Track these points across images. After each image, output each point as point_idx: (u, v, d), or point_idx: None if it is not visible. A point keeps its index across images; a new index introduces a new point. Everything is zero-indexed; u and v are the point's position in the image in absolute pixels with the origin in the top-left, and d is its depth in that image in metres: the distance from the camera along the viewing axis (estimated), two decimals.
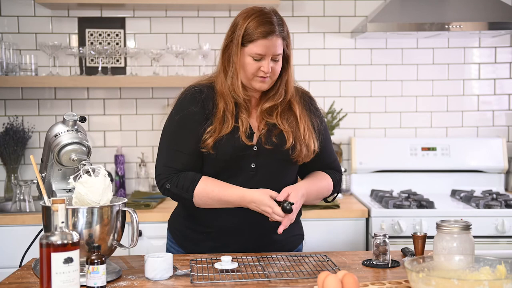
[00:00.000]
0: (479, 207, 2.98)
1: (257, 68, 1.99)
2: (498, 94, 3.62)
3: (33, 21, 3.44)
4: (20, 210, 3.06)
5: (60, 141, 1.84)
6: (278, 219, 1.94)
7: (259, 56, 1.97)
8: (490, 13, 3.18)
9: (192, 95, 2.05)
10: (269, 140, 2.02)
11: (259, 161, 2.01)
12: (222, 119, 2.00)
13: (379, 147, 3.48)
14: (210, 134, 1.99)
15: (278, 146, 2.02)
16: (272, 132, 2.03)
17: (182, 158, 2.01)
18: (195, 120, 2.01)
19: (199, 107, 2.02)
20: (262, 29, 1.97)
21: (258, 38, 1.97)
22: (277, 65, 2.01)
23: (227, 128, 1.99)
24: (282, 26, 2.02)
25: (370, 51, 3.56)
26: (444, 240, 1.74)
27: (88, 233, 1.70)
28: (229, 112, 2.01)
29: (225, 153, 1.99)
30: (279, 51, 2.00)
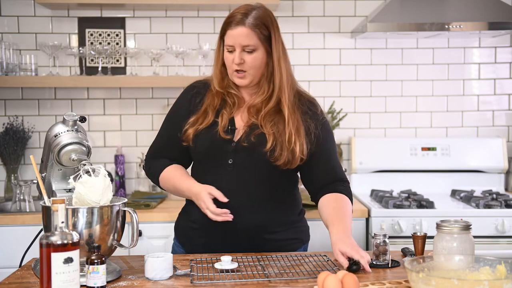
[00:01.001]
0: (479, 207, 2.98)
1: (231, 61, 2.01)
2: (498, 94, 3.62)
3: (33, 21, 3.44)
4: (20, 210, 3.06)
5: (60, 141, 1.84)
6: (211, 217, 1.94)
7: (231, 47, 2.00)
8: (490, 13, 3.18)
9: (186, 89, 2.17)
10: (248, 138, 2.01)
11: (236, 157, 2.01)
12: (204, 113, 2.05)
13: (379, 147, 3.48)
14: (190, 125, 2.05)
15: (255, 145, 2.00)
16: (254, 131, 2.02)
17: (163, 147, 2.16)
18: (179, 114, 2.11)
19: (186, 101, 2.12)
20: (230, 20, 2.00)
21: (227, 29, 2.01)
22: (251, 58, 1.99)
23: (207, 122, 2.03)
24: (259, 19, 1.99)
25: (370, 51, 3.56)
26: (444, 240, 1.74)
27: (88, 233, 1.70)
28: (211, 107, 2.05)
29: (203, 145, 2.03)
30: (247, 42, 1.98)
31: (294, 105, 2.05)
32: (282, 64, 2.04)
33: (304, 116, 2.06)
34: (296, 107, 2.06)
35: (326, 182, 2.09)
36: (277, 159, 1.99)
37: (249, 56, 2.00)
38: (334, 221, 1.97)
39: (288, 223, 2.12)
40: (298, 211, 2.19)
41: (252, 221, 2.03)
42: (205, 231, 2.08)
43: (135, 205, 3.00)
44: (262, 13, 2.02)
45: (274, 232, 2.08)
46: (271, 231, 2.08)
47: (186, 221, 2.15)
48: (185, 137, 2.05)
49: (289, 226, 2.12)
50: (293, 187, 2.16)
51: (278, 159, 1.99)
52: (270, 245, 2.07)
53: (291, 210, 2.16)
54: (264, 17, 2.01)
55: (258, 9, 2.02)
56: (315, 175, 2.10)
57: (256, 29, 1.98)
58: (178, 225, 2.21)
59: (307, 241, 2.22)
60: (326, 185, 2.09)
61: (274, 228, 2.08)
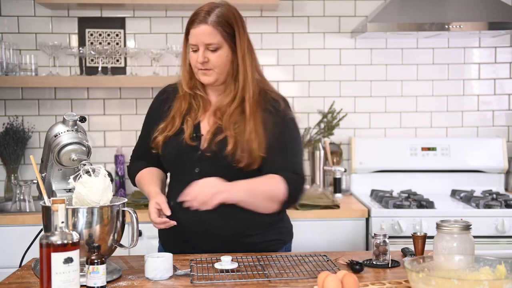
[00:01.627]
0: (479, 207, 2.98)
1: (195, 60, 2.00)
2: (498, 94, 3.62)
3: (33, 21, 3.44)
4: (20, 210, 3.06)
5: (60, 141, 1.84)
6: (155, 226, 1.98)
7: (195, 46, 2.00)
8: (490, 13, 3.18)
9: (160, 94, 2.19)
10: (210, 147, 1.99)
11: (203, 166, 1.99)
12: (172, 119, 2.06)
13: (379, 147, 3.48)
14: (159, 132, 2.06)
15: (217, 153, 1.98)
16: (216, 138, 1.99)
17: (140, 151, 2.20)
18: (152, 117, 2.13)
19: (157, 106, 2.14)
20: (193, 19, 2.00)
21: (190, 28, 2.01)
22: (215, 56, 1.98)
23: (174, 130, 2.04)
24: (220, 17, 1.97)
25: (370, 51, 3.56)
26: (444, 240, 1.74)
27: (88, 233, 1.70)
28: (178, 113, 2.05)
29: (170, 154, 2.04)
30: (210, 41, 1.96)
31: (256, 103, 2.01)
32: (247, 62, 2.01)
33: (265, 114, 2.01)
34: (258, 104, 2.02)
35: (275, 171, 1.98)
36: (239, 161, 1.96)
37: (213, 55, 1.98)
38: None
39: (266, 225, 2.07)
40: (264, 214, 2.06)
41: (226, 227, 2.01)
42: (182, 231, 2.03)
43: (135, 205, 3.00)
44: (225, 10, 1.99)
45: (251, 235, 2.05)
46: (248, 235, 2.05)
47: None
48: (155, 144, 2.06)
49: (267, 228, 2.08)
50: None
51: (240, 161, 1.96)
52: (249, 248, 2.05)
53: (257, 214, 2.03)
54: (227, 14, 1.99)
55: (222, 7, 2.00)
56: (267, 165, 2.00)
57: (219, 27, 1.96)
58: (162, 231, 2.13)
59: (289, 240, 2.18)
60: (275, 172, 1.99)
61: (251, 232, 2.05)
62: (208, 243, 2.04)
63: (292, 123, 2.06)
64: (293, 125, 2.07)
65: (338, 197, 3.27)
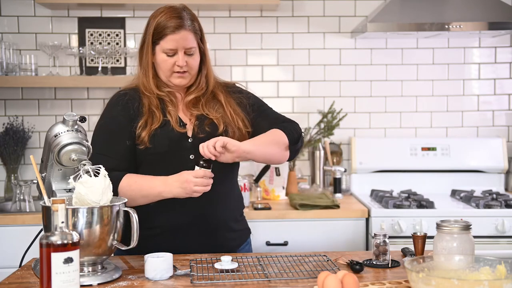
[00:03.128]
0: (479, 207, 2.98)
1: (172, 64, 2.04)
2: (498, 94, 3.62)
3: (33, 21, 3.44)
4: (20, 210, 3.06)
5: (60, 141, 1.84)
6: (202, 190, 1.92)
7: (172, 51, 2.03)
8: (490, 13, 3.18)
9: (116, 99, 2.12)
10: (202, 129, 2.06)
11: (197, 151, 2.00)
12: (149, 113, 2.06)
13: (379, 147, 3.48)
14: (141, 128, 2.03)
15: (211, 134, 2.04)
16: (204, 122, 2.07)
17: (109, 162, 1.99)
18: (119, 124, 2.06)
19: (122, 110, 2.08)
20: (171, 24, 2.02)
21: (168, 34, 2.02)
22: (192, 59, 2.06)
23: (158, 122, 2.03)
24: (192, 20, 2.06)
25: (370, 51, 3.56)
26: (444, 240, 1.74)
27: (88, 233, 1.70)
28: (154, 107, 2.06)
29: (162, 145, 2.03)
30: (191, 45, 2.04)
31: (224, 91, 2.17)
32: (208, 59, 2.15)
33: (234, 94, 2.18)
34: (226, 92, 2.17)
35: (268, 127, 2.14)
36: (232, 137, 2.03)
37: (190, 58, 2.06)
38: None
39: (240, 213, 2.21)
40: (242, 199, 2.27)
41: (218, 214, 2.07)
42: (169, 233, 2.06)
43: None
44: (192, 14, 2.08)
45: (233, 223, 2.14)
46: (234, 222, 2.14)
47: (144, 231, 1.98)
48: (140, 140, 2.02)
49: (240, 216, 2.21)
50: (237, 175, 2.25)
51: (233, 138, 2.03)
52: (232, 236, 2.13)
53: (241, 199, 2.24)
54: (195, 18, 2.09)
55: (187, 11, 2.08)
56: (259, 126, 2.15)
57: (194, 32, 2.06)
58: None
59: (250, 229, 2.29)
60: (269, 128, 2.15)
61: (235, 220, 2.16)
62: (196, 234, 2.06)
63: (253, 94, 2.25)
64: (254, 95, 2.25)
65: (338, 197, 3.27)
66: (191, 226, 2.06)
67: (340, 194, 3.30)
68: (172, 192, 1.95)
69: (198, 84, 2.13)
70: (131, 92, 2.11)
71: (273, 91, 3.54)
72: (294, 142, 2.12)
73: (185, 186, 1.91)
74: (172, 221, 2.05)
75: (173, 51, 2.03)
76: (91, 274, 1.74)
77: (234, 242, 2.16)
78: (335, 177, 3.31)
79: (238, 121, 2.10)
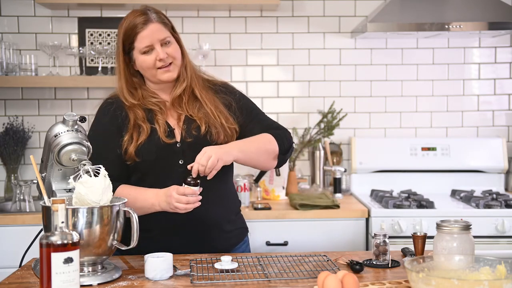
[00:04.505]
0: (479, 207, 2.98)
1: (153, 61, 2.03)
2: (498, 94, 3.62)
3: (33, 21, 3.44)
4: (20, 210, 3.06)
5: (60, 141, 1.84)
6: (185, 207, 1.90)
7: (148, 47, 2.02)
8: (490, 13, 3.18)
9: (104, 107, 2.12)
10: (189, 133, 2.05)
11: (186, 156, 2.01)
12: (136, 127, 2.04)
13: (379, 147, 3.48)
14: (127, 143, 2.02)
15: (197, 136, 2.04)
16: (191, 125, 2.06)
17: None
18: (108, 132, 2.06)
19: (110, 118, 2.08)
20: (137, 22, 2.01)
21: (138, 32, 2.01)
22: (171, 48, 2.05)
23: (145, 134, 2.02)
24: (158, 13, 2.06)
25: (370, 51, 3.56)
26: (444, 240, 1.74)
27: (88, 233, 1.70)
28: (140, 119, 2.04)
29: (150, 155, 2.01)
30: (164, 35, 2.03)
31: (204, 87, 2.14)
32: (185, 50, 2.13)
33: (219, 94, 2.15)
34: (207, 88, 2.14)
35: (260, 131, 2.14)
36: (216, 138, 2.04)
37: (169, 48, 2.04)
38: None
39: (235, 213, 2.20)
40: (238, 199, 2.27)
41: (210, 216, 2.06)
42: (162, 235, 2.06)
43: None
44: (155, 9, 2.08)
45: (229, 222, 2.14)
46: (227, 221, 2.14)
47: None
48: (128, 156, 2.02)
49: (235, 216, 2.20)
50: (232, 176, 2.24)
51: (217, 138, 2.04)
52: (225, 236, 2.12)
53: (236, 199, 2.24)
54: (159, 11, 2.08)
55: (149, 8, 2.07)
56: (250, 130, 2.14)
57: (163, 22, 2.05)
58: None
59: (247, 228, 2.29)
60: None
61: (229, 220, 2.15)
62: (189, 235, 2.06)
63: (246, 96, 2.23)
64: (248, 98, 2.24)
65: (338, 197, 3.27)
66: (183, 227, 2.05)
67: (340, 194, 3.30)
68: (160, 206, 1.96)
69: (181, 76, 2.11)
70: (118, 101, 2.11)
71: (273, 91, 3.53)
72: (284, 152, 2.11)
73: (168, 201, 1.92)
74: (164, 222, 2.05)
75: (149, 47, 2.02)
76: (91, 274, 1.74)
77: (229, 241, 2.15)
78: (335, 177, 3.31)
79: (220, 119, 2.07)
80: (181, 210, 1.91)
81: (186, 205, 1.89)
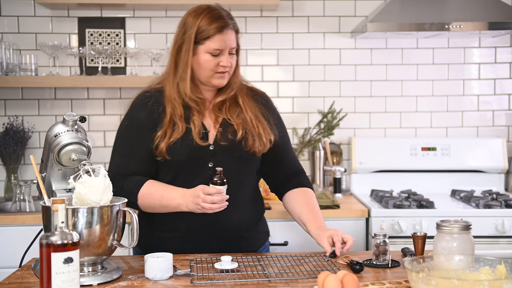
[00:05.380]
0: (479, 207, 2.98)
1: (215, 64, 2.01)
2: (498, 94, 3.62)
3: (33, 21, 3.44)
4: (20, 210, 3.06)
5: (60, 141, 1.84)
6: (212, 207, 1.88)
7: (217, 51, 2.00)
8: (490, 13, 3.18)
9: (141, 101, 2.08)
10: (225, 136, 2.04)
11: (216, 159, 2.01)
12: (171, 124, 2.02)
13: (379, 147, 3.48)
14: (159, 139, 2.01)
15: (233, 141, 2.03)
16: (227, 129, 2.05)
17: (131, 164, 2.04)
18: (143, 127, 2.04)
19: (147, 113, 2.05)
20: (217, 24, 1.99)
21: (215, 34, 1.99)
22: (234, 59, 2.06)
23: (179, 133, 2.00)
24: (233, 20, 2.06)
25: (370, 51, 3.56)
26: (444, 240, 1.74)
27: (88, 233, 1.70)
28: (177, 117, 2.02)
29: (181, 155, 2.00)
30: (234, 45, 2.04)
31: (247, 95, 2.14)
32: (240, 61, 2.13)
33: (259, 105, 2.15)
34: (250, 97, 2.14)
35: (288, 175, 2.18)
36: (251, 146, 2.04)
37: (232, 58, 2.05)
38: (311, 218, 2.07)
39: (259, 217, 2.20)
40: (263, 205, 2.26)
41: (236, 219, 2.06)
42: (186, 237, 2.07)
43: None
44: (230, 14, 2.07)
45: (249, 228, 2.13)
46: (249, 228, 2.12)
47: (157, 232, 2.09)
48: (158, 152, 2.01)
49: (259, 220, 2.20)
50: (258, 181, 2.24)
51: (252, 145, 2.04)
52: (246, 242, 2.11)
53: (261, 203, 2.24)
54: (233, 17, 2.08)
55: (224, 10, 2.06)
56: (277, 168, 2.19)
57: (236, 31, 2.06)
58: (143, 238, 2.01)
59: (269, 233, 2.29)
60: (289, 178, 2.18)
61: (251, 224, 2.14)
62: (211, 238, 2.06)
63: (282, 121, 2.24)
64: (284, 123, 2.24)
65: (338, 197, 3.27)
66: (203, 231, 2.05)
67: (340, 194, 3.30)
68: (187, 207, 1.94)
69: (230, 85, 2.09)
70: (156, 95, 2.08)
71: (273, 91, 3.53)
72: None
73: (196, 201, 1.90)
74: (184, 225, 2.05)
75: (219, 51, 2.00)
76: (91, 274, 1.74)
77: (251, 247, 2.13)
78: (335, 177, 3.31)
79: (259, 128, 2.07)
80: (208, 210, 1.89)
81: (211, 205, 1.87)
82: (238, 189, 2.04)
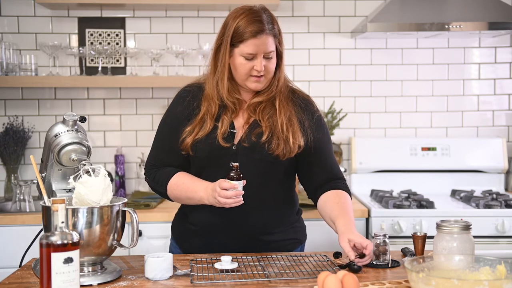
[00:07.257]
0: (479, 207, 2.98)
1: (250, 68, 1.99)
2: (498, 94, 3.62)
3: (33, 21, 3.44)
4: (20, 210, 3.06)
5: (60, 141, 1.84)
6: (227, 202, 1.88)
7: (251, 55, 1.98)
8: (490, 13, 3.18)
9: (181, 95, 2.12)
10: (249, 138, 2.02)
11: (238, 159, 1.99)
12: (201, 121, 2.03)
13: (379, 147, 3.48)
14: (187, 134, 2.03)
15: (255, 143, 2.01)
16: (254, 131, 2.03)
17: (164, 156, 2.10)
18: (177, 121, 2.07)
19: (183, 107, 2.08)
20: (252, 28, 1.96)
21: (248, 38, 1.96)
22: (270, 63, 2.01)
23: (205, 131, 2.01)
24: (273, 23, 2.00)
25: (370, 51, 3.56)
26: (444, 240, 1.74)
27: (88, 233, 1.70)
28: (209, 115, 2.03)
29: (203, 151, 2.02)
30: (271, 49, 1.99)
31: (286, 98, 2.08)
32: (283, 63, 2.08)
33: (297, 108, 2.09)
34: (289, 100, 2.09)
35: (325, 180, 2.11)
36: (274, 149, 2.00)
37: (268, 62, 2.00)
38: (340, 215, 2.00)
39: (286, 223, 2.13)
40: (296, 210, 2.20)
41: (253, 222, 2.04)
42: (204, 232, 2.08)
43: (135, 205, 3.00)
44: (271, 16, 2.02)
45: (272, 233, 2.09)
46: (270, 232, 2.08)
47: (184, 223, 2.15)
48: (183, 146, 2.03)
49: (287, 226, 2.13)
50: (291, 187, 2.17)
51: (276, 149, 2.00)
52: (268, 246, 2.08)
53: (290, 210, 2.16)
54: (275, 20, 2.03)
55: (267, 13, 2.01)
56: (314, 173, 2.11)
57: (274, 35, 2.00)
58: (175, 227, 2.21)
59: (304, 240, 2.23)
60: (325, 183, 2.10)
61: (273, 229, 2.09)
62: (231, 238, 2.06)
63: (325, 124, 2.16)
64: (326, 127, 2.16)
65: None
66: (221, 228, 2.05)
67: None
68: (208, 200, 1.95)
69: (270, 87, 2.06)
70: (195, 90, 2.09)
71: None
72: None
73: (214, 195, 1.91)
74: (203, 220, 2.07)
75: (252, 55, 1.98)
76: (91, 274, 1.74)
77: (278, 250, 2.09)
78: None
79: (288, 132, 2.02)
80: (223, 204, 1.90)
81: (226, 200, 1.87)
82: (259, 191, 2.02)
